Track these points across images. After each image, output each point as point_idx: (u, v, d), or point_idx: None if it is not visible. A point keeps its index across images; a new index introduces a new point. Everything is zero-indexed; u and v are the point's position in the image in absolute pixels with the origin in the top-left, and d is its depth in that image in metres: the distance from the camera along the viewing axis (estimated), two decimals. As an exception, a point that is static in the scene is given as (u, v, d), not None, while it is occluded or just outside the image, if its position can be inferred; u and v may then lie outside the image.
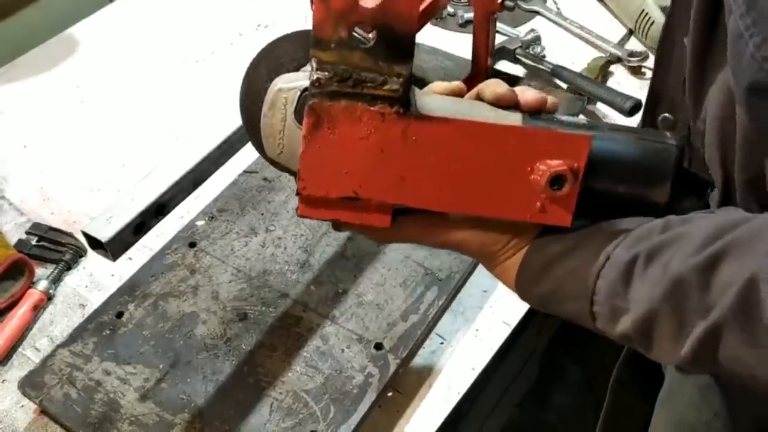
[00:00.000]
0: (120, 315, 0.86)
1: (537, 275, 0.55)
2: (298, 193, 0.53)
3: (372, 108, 0.50)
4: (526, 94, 0.55)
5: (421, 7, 0.86)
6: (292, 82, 0.55)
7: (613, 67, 1.21)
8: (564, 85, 1.14)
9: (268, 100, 0.55)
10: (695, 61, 0.55)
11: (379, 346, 0.82)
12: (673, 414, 0.75)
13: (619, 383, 0.89)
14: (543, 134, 0.52)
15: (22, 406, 0.83)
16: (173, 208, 0.67)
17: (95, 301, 0.92)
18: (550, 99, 0.56)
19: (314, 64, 0.49)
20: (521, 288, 0.57)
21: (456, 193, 0.53)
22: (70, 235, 0.99)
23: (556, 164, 0.51)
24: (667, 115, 0.67)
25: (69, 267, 0.97)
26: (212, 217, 0.95)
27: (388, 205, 0.54)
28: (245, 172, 1.01)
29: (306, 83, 0.52)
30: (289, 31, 0.61)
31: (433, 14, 0.96)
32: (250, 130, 0.59)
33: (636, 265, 0.49)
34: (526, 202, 0.53)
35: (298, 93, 0.54)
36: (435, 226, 0.57)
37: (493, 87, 0.55)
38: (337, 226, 0.59)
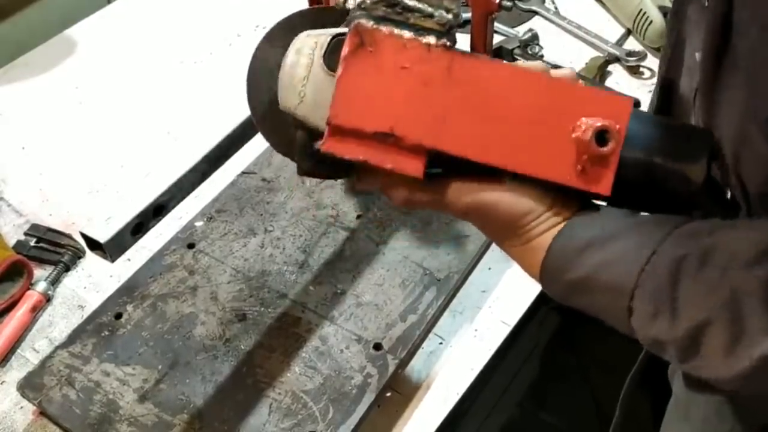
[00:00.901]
0: (119, 316, 0.86)
1: (570, 259, 0.51)
2: (327, 124, 0.50)
3: (418, 38, 0.48)
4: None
5: None
6: (320, 32, 0.52)
7: (611, 67, 1.21)
8: (562, 85, 1.14)
9: (294, 46, 0.52)
10: (707, 81, 0.53)
11: (378, 347, 0.82)
12: (688, 430, 0.73)
13: (630, 398, 0.86)
14: (588, 91, 0.50)
15: (21, 407, 0.83)
16: (172, 209, 0.67)
17: (94, 302, 0.92)
18: None
19: None
20: (549, 272, 0.52)
21: (497, 143, 0.50)
22: (69, 236, 0.99)
23: (600, 120, 0.49)
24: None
25: (68, 268, 0.97)
26: (211, 218, 0.95)
27: (423, 150, 0.50)
28: (244, 173, 1.01)
29: (336, 31, 0.50)
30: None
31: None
32: (259, 87, 0.56)
33: (685, 265, 0.46)
34: (567, 161, 0.50)
35: (329, 38, 0.52)
36: (468, 181, 0.53)
37: None
38: (361, 179, 0.56)
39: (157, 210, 0.65)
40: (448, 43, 0.48)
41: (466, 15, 1.28)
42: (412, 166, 0.51)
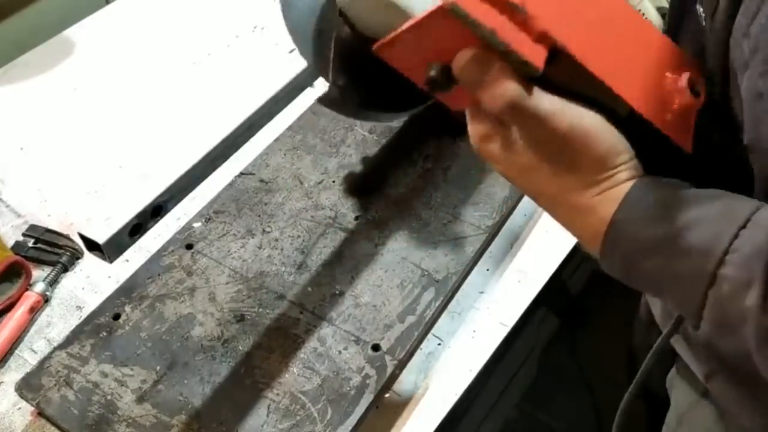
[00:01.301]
0: (117, 317, 0.85)
1: (652, 214, 0.46)
2: None
3: None
4: None
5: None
6: None
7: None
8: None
9: None
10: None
11: (376, 348, 0.82)
12: None
13: (628, 408, 0.85)
14: (674, 46, 0.50)
15: (19, 408, 0.83)
16: (170, 209, 0.67)
17: (92, 303, 0.92)
18: None
19: None
20: (621, 226, 0.47)
21: (611, 65, 0.47)
22: (67, 237, 0.99)
23: (690, 73, 0.48)
24: None
25: (66, 269, 0.97)
26: (209, 219, 0.95)
27: (547, 41, 0.46)
28: (242, 173, 1.01)
29: None
30: (285, 33, 0.60)
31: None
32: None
33: None
34: (663, 106, 0.48)
35: None
36: (575, 101, 0.49)
37: None
38: (465, 69, 0.49)
39: (155, 211, 0.65)
40: None
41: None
42: (535, 54, 0.46)
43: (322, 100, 0.54)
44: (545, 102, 0.47)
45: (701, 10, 0.52)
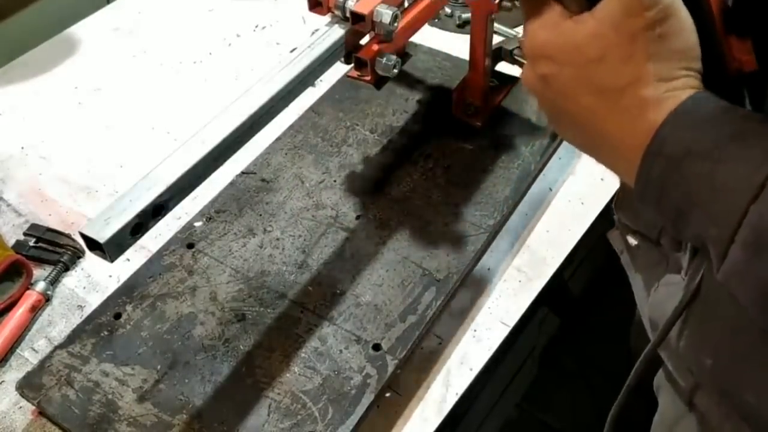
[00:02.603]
0: (118, 316, 0.85)
1: (711, 119, 0.44)
2: None
3: None
4: None
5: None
6: None
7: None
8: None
9: None
10: None
11: (377, 347, 0.82)
12: None
13: (622, 410, 0.83)
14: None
15: (20, 407, 0.83)
16: (171, 209, 0.67)
17: (93, 302, 0.92)
18: None
19: None
20: (679, 123, 0.45)
21: None
22: (68, 236, 0.99)
23: None
24: None
25: (67, 268, 0.97)
26: (210, 218, 0.95)
27: None
28: (243, 173, 1.01)
29: None
30: (286, 32, 0.60)
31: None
32: None
33: None
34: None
35: None
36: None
37: None
38: None
39: (156, 210, 0.65)
40: None
41: (466, 15, 1.29)
42: None
43: None
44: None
45: None
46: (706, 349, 0.55)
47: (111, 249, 0.61)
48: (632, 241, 0.53)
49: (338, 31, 0.78)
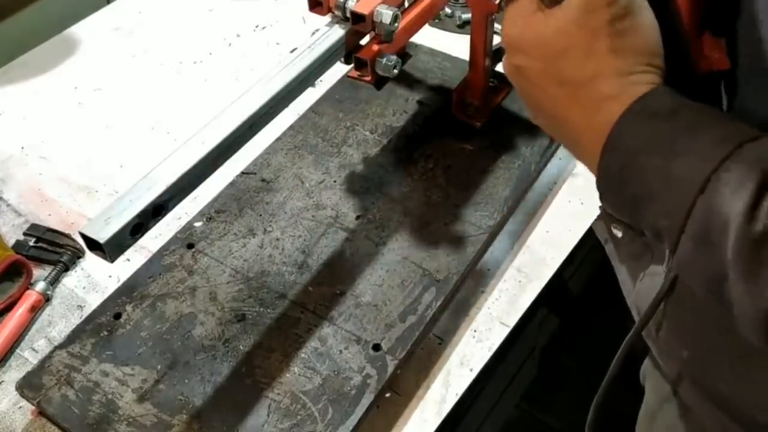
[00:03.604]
0: (118, 316, 0.85)
1: (664, 114, 0.45)
2: None
3: None
4: None
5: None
6: None
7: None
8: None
9: None
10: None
11: (377, 347, 0.82)
12: None
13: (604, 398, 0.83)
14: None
15: (20, 407, 0.83)
16: (171, 209, 0.67)
17: (93, 302, 0.92)
18: None
19: None
20: (634, 119, 0.46)
21: None
22: (68, 236, 0.99)
23: None
24: None
25: (67, 268, 0.97)
26: (210, 218, 0.95)
27: None
28: (243, 173, 1.01)
29: None
30: (286, 32, 0.60)
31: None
32: None
33: None
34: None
35: None
36: None
37: None
38: None
39: (156, 210, 0.65)
40: None
41: (467, 16, 1.29)
42: None
43: None
44: None
45: None
46: (683, 341, 0.56)
47: (111, 249, 0.61)
48: (616, 231, 0.53)
49: (338, 32, 0.78)
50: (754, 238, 0.39)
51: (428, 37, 1.22)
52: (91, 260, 0.98)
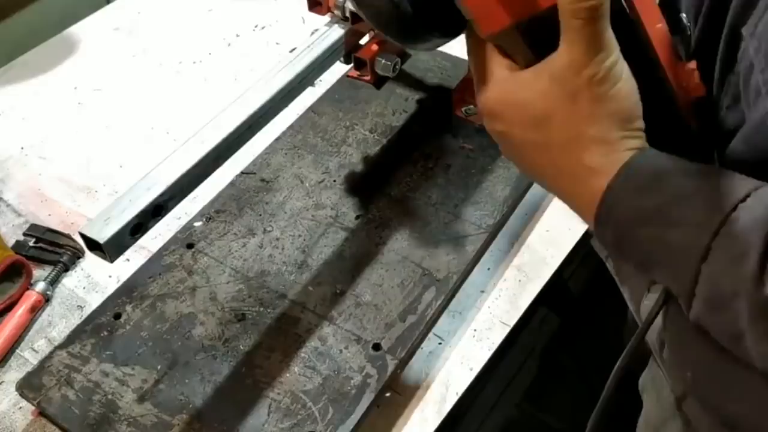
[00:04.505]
0: (118, 316, 0.85)
1: (650, 182, 0.45)
2: None
3: None
4: None
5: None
6: None
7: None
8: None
9: None
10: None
11: (377, 347, 0.82)
12: None
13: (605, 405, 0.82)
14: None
15: (20, 407, 0.83)
16: (171, 209, 0.67)
17: (93, 302, 0.92)
18: None
19: None
20: (622, 191, 0.46)
21: (652, 26, 0.50)
22: (68, 236, 0.99)
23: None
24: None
25: (67, 268, 0.97)
26: (210, 218, 0.95)
27: None
28: (243, 173, 1.01)
29: None
30: (286, 32, 0.60)
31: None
32: None
33: None
34: (678, 86, 0.51)
35: None
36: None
37: None
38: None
39: (156, 210, 0.65)
40: None
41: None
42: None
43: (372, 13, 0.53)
44: (609, 30, 0.46)
45: (685, 18, 0.53)
46: (686, 363, 0.55)
47: (111, 249, 0.61)
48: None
49: (338, 31, 0.78)
50: (766, 301, 0.39)
51: (428, 36, 1.22)
52: (91, 260, 0.98)
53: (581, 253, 0.98)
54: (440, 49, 0.56)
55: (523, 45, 0.50)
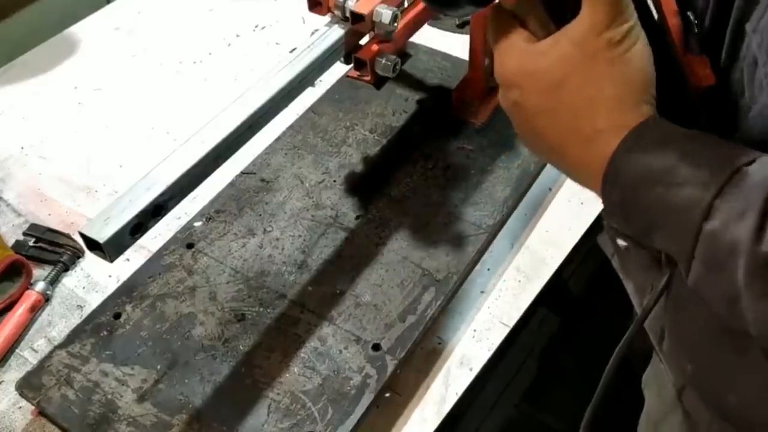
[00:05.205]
0: (117, 316, 0.85)
1: (659, 145, 0.46)
2: None
3: None
4: None
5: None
6: None
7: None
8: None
9: None
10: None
11: (376, 347, 0.82)
12: None
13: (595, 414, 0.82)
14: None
15: (20, 407, 0.83)
16: (171, 209, 0.67)
17: (93, 302, 0.92)
18: None
19: None
20: (630, 152, 0.47)
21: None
22: (68, 236, 0.99)
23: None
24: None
25: (66, 268, 0.97)
26: (210, 218, 0.95)
27: None
28: (243, 173, 1.01)
29: None
30: (286, 32, 0.60)
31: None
32: None
33: None
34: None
35: None
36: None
37: None
38: None
39: (156, 210, 0.65)
40: None
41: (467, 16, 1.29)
42: None
43: None
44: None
45: (692, 16, 0.53)
46: (686, 354, 0.56)
47: (111, 249, 0.61)
48: (622, 243, 0.54)
49: (338, 31, 0.78)
50: (764, 259, 0.40)
51: (428, 36, 1.22)
52: (90, 260, 0.98)
53: (581, 253, 0.99)
54: (440, 49, 0.56)
55: (543, 13, 0.52)
